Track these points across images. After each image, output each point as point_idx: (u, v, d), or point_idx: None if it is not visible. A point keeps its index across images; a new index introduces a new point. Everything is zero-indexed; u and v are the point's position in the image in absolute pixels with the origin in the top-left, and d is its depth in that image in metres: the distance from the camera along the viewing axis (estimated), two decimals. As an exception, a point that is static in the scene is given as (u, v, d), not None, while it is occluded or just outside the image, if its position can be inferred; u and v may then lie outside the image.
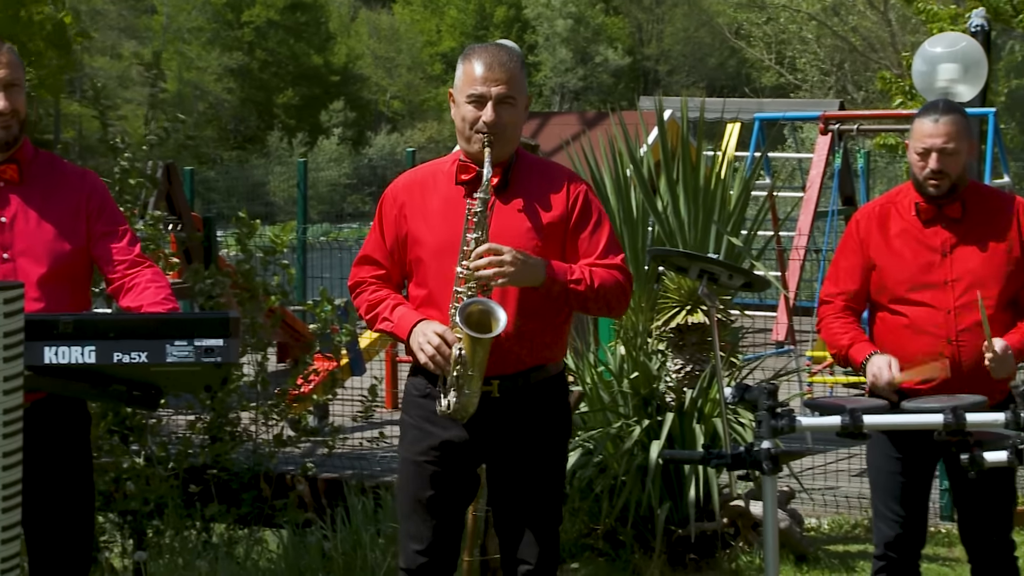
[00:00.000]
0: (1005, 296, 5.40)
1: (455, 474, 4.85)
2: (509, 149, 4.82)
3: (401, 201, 4.89)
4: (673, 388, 7.84)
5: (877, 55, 39.52)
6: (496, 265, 4.55)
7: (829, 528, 8.65)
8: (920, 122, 5.46)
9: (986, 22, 11.67)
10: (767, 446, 4.56)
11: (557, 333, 4.90)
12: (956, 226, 5.46)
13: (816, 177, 14.10)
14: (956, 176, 5.42)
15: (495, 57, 4.79)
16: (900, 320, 5.44)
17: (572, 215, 4.82)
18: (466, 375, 4.59)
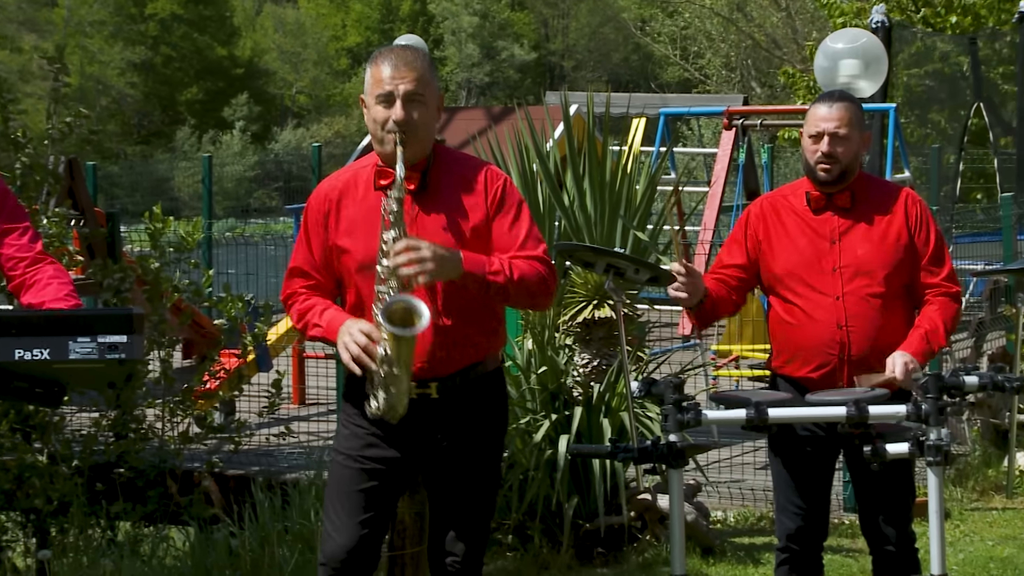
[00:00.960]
0: (894, 283, 5.47)
1: (388, 471, 4.82)
2: (423, 147, 4.78)
3: (324, 211, 4.85)
4: (580, 383, 7.86)
5: (780, 51, 39.85)
6: (416, 262, 4.52)
7: (735, 521, 8.71)
8: (815, 107, 5.57)
9: (887, 18, 11.81)
10: (673, 440, 4.59)
11: (492, 330, 4.88)
12: (846, 214, 5.54)
13: (721, 172, 14.18)
14: (847, 163, 5.49)
15: (400, 57, 4.78)
16: (792, 307, 5.50)
17: (491, 208, 4.81)
18: (392, 374, 4.54)
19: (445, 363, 4.74)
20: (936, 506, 4.61)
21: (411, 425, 4.74)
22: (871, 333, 5.40)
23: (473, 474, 4.86)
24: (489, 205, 4.80)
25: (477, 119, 16.78)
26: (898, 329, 5.48)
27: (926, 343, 5.38)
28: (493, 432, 4.94)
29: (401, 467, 4.84)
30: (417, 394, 4.72)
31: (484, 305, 4.81)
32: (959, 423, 9.68)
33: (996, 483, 9.44)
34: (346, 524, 4.84)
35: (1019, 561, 7.97)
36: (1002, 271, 9.52)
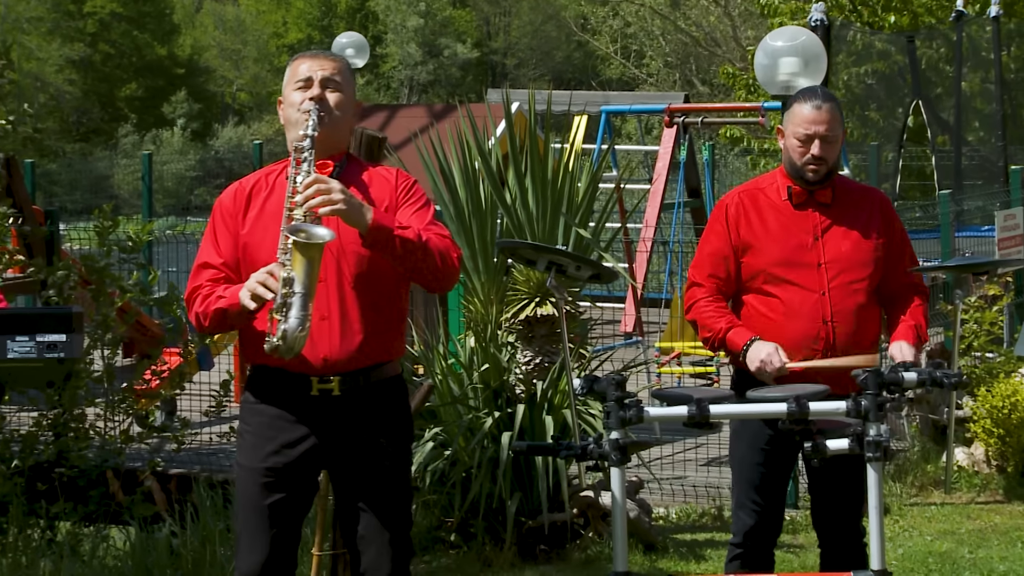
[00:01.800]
0: (873, 280, 5.56)
1: (294, 480, 4.78)
2: (338, 138, 4.81)
3: (235, 208, 4.83)
4: (523, 380, 7.87)
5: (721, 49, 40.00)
6: (324, 193, 4.51)
7: (677, 517, 8.74)
8: (801, 108, 5.55)
9: (825, 16, 11.87)
10: (615, 437, 4.59)
11: (396, 331, 4.88)
12: (827, 211, 5.58)
13: (662, 169, 14.23)
14: (833, 163, 5.55)
15: (321, 52, 4.88)
16: (773, 302, 5.51)
17: (399, 198, 4.83)
18: (295, 294, 4.46)
19: (349, 359, 4.71)
20: (876, 502, 4.64)
21: (313, 422, 4.73)
22: (854, 328, 5.48)
23: (381, 481, 4.81)
24: (398, 195, 4.83)
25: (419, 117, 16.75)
26: (874, 325, 5.59)
27: (917, 337, 5.51)
28: (398, 439, 4.89)
29: (305, 470, 4.80)
30: (319, 390, 4.71)
31: (391, 304, 4.80)
32: (898, 419, 9.75)
33: (935, 478, 9.51)
34: (257, 540, 4.81)
35: (957, 556, 8.04)
36: (940, 268, 9.60)
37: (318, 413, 4.71)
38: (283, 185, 4.78)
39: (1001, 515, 8.94)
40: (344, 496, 4.86)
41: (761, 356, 5.36)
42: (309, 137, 4.66)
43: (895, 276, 5.65)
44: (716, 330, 5.54)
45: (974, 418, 9.64)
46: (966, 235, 13.25)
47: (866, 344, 5.52)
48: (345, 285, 4.71)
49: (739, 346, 5.45)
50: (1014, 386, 9.51)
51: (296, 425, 4.73)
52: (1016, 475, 9.48)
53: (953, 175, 18.05)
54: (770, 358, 5.34)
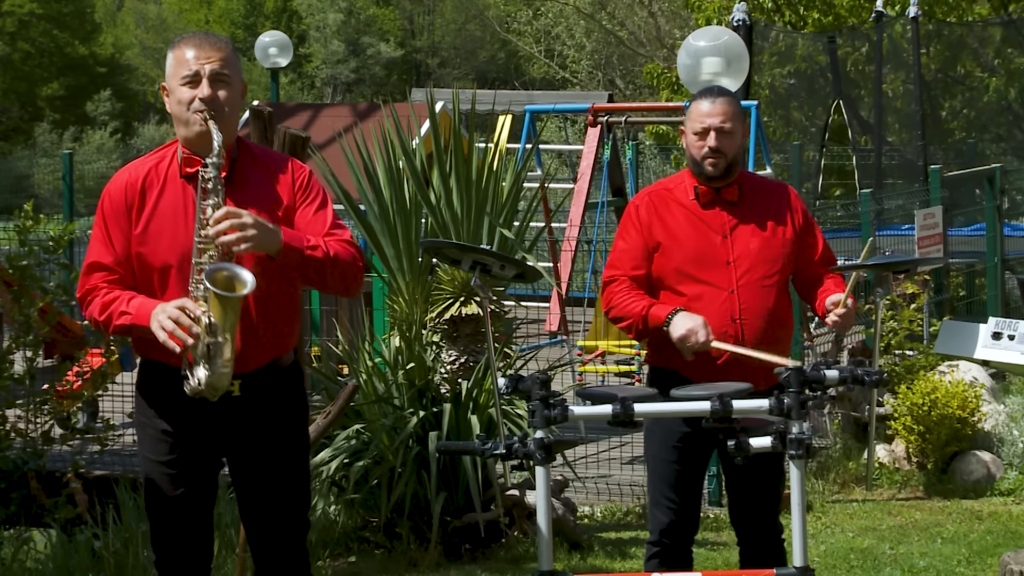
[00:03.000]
0: (783, 277, 5.61)
1: (197, 472, 4.78)
2: (230, 131, 4.74)
3: (126, 202, 4.74)
4: (448, 379, 7.87)
5: (645, 49, 40.14)
6: (238, 229, 4.47)
7: (602, 516, 8.77)
8: (697, 104, 5.62)
9: (748, 16, 11.95)
10: (540, 435, 4.60)
11: (291, 325, 4.87)
12: (734, 209, 5.60)
13: (586, 168, 14.26)
14: (732, 156, 5.57)
15: (205, 38, 4.76)
16: (682, 301, 5.52)
17: (297, 196, 4.79)
18: (216, 343, 4.46)
19: (248, 360, 4.70)
20: (798, 499, 4.67)
21: (212, 421, 4.72)
22: (763, 325, 5.51)
23: (280, 470, 4.82)
24: (295, 192, 4.79)
25: (343, 116, 16.70)
26: (786, 321, 5.62)
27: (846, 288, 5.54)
28: (295, 426, 4.89)
29: (207, 465, 4.80)
30: None
31: (285, 300, 4.79)
32: (820, 417, 9.82)
33: (856, 475, 9.60)
34: (169, 530, 4.81)
35: (878, 552, 8.12)
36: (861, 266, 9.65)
37: (217, 410, 4.69)
38: (177, 180, 4.72)
39: (921, 511, 9.04)
40: (244, 488, 4.85)
41: (688, 325, 5.36)
42: (215, 165, 4.58)
43: (810, 268, 5.67)
44: (637, 312, 5.51)
45: (895, 415, 9.73)
46: (886, 234, 13.35)
47: (777, 341, 5.54)
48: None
49: (662, 319, 5.43)
50: (934, 383, 9.61)
51: (194, 422, 4.72)
52: (936, 472, 9.58)
53: (874, 174, 18.21)
54: (696, 329, 5.35)
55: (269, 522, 4.83)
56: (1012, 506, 9.10)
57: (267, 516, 4.83)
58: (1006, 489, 9.33)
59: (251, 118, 5.95)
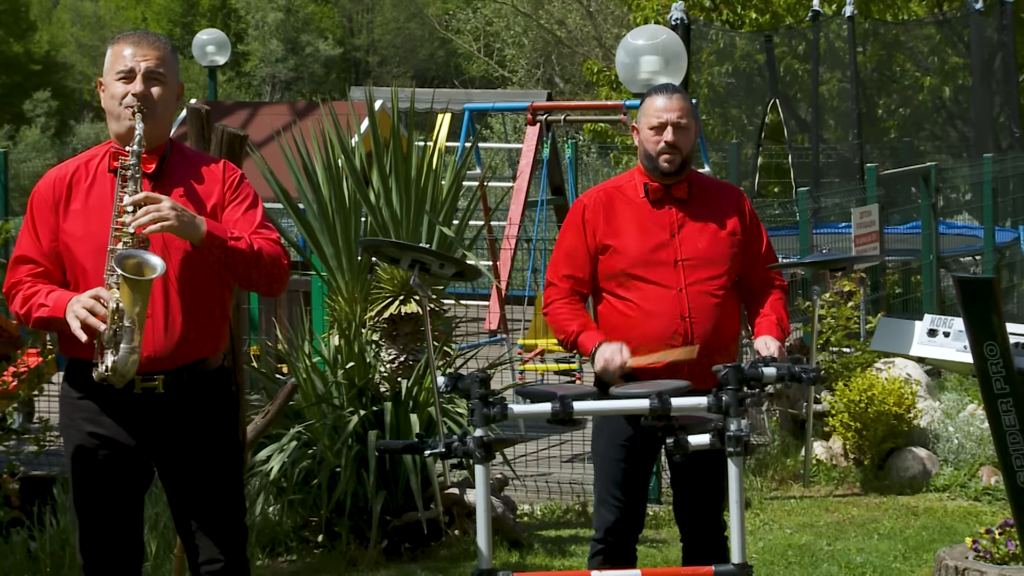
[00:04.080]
0: (731, 276, 5.63)
1: (123, 471, 4.75)
2: (162, 130, 4.76)
3: (54, 197, 4.74)
4: (388, 378, 7.86)
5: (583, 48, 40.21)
6: (153, 212, 4.48)
7: (542, 514, 8.78)
8: (652, 100, 5.62)
9: (686, 15, 12.00)
10: (480, 434, 4.61)
11: (219, 326, 4.85)
12: (684, 207, 5.63)
13: (526, 167, 14.26)
14: (686, 153, 5.60)
15: (144, 37, 4.80)
16: (631, 301, 5.55)
17: (226, 194, 4.80)
18: (124, 327, 4.45)
19: (173, 357, 4.69)
20: (736, 496, 4.70)
21: (137, 419, 4.70)
22: (711, 324, 5.53)
23: (211, 473, 4.80)
24: (225, 191, 4.80)
25: (281, 115, 16.63)
26: (733, 320, 5.65)
27: (781, 330, 5.60)
28: (224, 429, 4.88)
29: (134, 465, 4.77)
30: (143, 388, 4.68)
31: (213, 298, 4.78)
32: (759, 414, 9.88)
33: (794, 472, 9.65)
34: (96, 530, 4.79)
35: (816, 548, 8.17)
36: (798, 264, 9.72)
37: (142, 409, 4.68)
38: (105, 175, 4.73)
39: (858, 507, 9.11)
40: (174, 490, 4.84)
41: (605, 355, 5.41)
42: (135, 153, 4.60)
43: (755, 272, 5.72)
44: (569, 332, 5.59)
45: (832, 412, 9.79)
46: (823, 232, 13.44)
47: (724, 339, 5.59)
48: (169, 284, 4.67)
49: (588, 350, 5.51)
50: (870, 380, 9.68)
51: (119, 421, 4.70)
52: (873, 468, 9.65)
53: (811, 173, 18.31)
54: (612, 356, 5.39)
55: (201, 530, 4.81)
56: (947, 502, 9.19)
57: (198, 525, 4.81)
58: (941, 485, 9.41)
59: (188, 116, 5.92)
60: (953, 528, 8.50)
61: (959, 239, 15.60)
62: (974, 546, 6.42)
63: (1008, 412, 4.57)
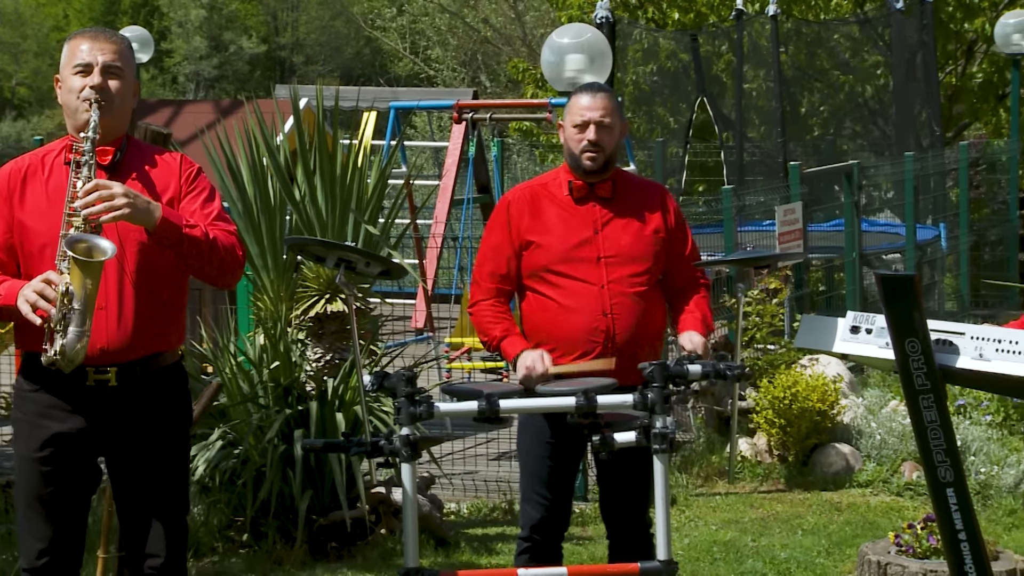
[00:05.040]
0: (654, 274, 5.66)
1: (72, 469, 4.73)
2: (119, 123, 4.77)
3: (7, 190, 4.74)
4: (314, 377, 7.83)
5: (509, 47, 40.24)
6: (106, 199, 4.47)
7: (468, 512, 8.79)
8: (577, 98, 5.66)
9: (611, 14, 12.04)
10: (406, 433, 4.61)
11: (174, 321, 4.84)
12: (607, 205, 5.65)
13: (451, 166, 14.26)
14: (610, 151, 5.62)
15: (101, 32, 4.83)
16: (554, 298, 5.57)
17: (183, 187, 4.81)
18: (74, 310, 4.43)
19: (126, 349, 4.68)
20: (662, 493, 4.73)
21: (89, 412, 4.68)
22: (634, 321, 5.56)
23: (158, 470, 4.79)
24: (182, 184, 4.81)
25: (206, 112, 16.57)
26: (657, 318, 5.68)
27: (705, 327, 5.63)
28: (176, 427, 4.88)
29: (82, 460, 4.75)
30: (96, 380, 4.66)
31: (169, 290, 4.78)
32: (684, 411, 9.92)
33: (719, 468, 9.71)
34: (40, 529, 4.76)
35: (740, 544, 8.22)
36: (723, 262, 9.77)
37: (94, 403, 4.67)
38: (61, 167, 4.73)
39: (783, 503, 9.17)
40: (121, 484, 4.82)
41: (527, 363, 5.42)
42: (89, 140, 4.60)
43: (678, 270, 5.75)
44: (492, 336, 5.62)
45: (757, 409, 9.86)
46: (748, 229, 13.50)
47: (647, 336, 5.61)
48: (124, 275, 4.67)
49: (511, 357, 5.53)
50: (795, 377, 9.75)
51: (72, 415, 4.68)
52: (797, 464, 9.72)
53: (736, 170, 18.42)
54: (534, 364, 5.40)
55: (145, 526, 4.79)
56: (870, 497, 9.27)
57: (143, 520, 4.79)
58: (864, 481, 9.49)
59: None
60: (876, 523, 8.58)
61: (881, 236, 15.75)
62: (896, 541, 6.50)
63: (929, 408, 4.61)
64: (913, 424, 4.71)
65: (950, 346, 4.63)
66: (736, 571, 7.77)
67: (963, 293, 16.08)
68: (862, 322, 4.87)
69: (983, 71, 21.22)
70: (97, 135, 4.62)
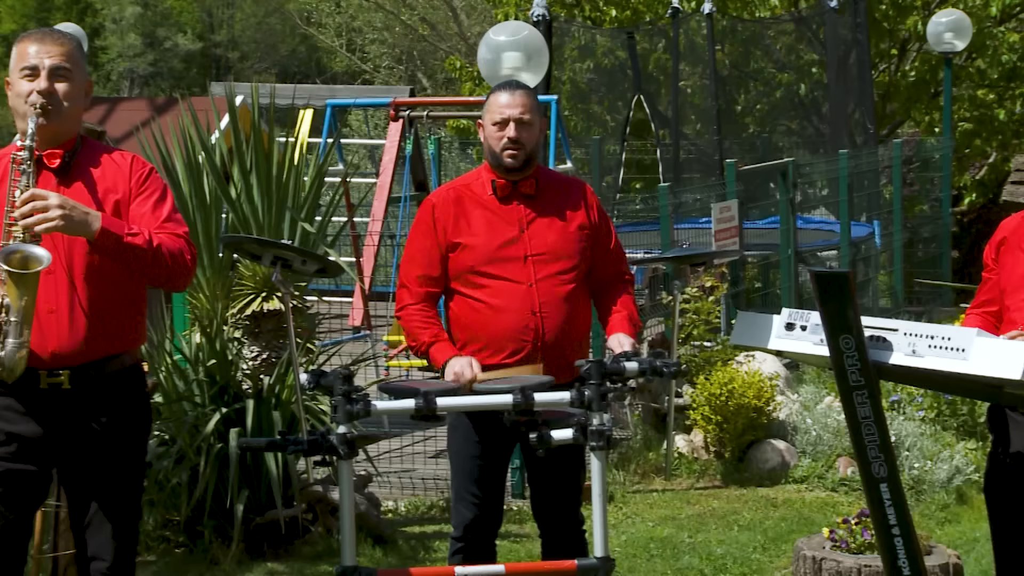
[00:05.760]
0: (580, 271, 5.66)
1: (25, 472, 4.69)
2: (68, 128, 4.73)
3: None
4: (250, 375, 7.81)
5: (447, 44, 40.22)
6: (40, 211, 4.44)
7: (406, 510, 8.78)
8: (495, 96, 5.65)
9: (547, 11, 12.05)
10: (343, 431, 4.60)
11: (130, 320, 4.81)
12: (531, 202, 5.65)
13: (389, 163, 14.23)
14: (531, 149, 5.61)
15: (48, 34, 4.78)
16: (482, 299, 5.57)
17: (133, 189, 4.77)
18: (11, 322, 4.42)
19: (79, 352, 4.65)
20: (599, 489, 4.74)
21: (42, 415, 4.65)
22: (563, 319, 5.56)
23: (112, 474, 4.77)
24: (131, 186, 4.78)
25: (140, 110, 16.46)
26: (584, 315, 5.68)
27: (632, 326, 5.62)
28: (133, 430, 4.85)
29: (36, 462, 4.71)
30: (49, 384, 4.64)
31: (121, 292, 4.74)
32: (621, 408, 9.95)
33: (656, 465, 9.74)
34: None
35: (677, 540, 8.25)
36: (660, 259, 9.83)
37: (48, 406, 4.63)
38: (6, 171, 4.69)
39: (719, 500, 9.22)
40: (74, 487, 4.79)
41: (455, 369, 5.42)
42: (27, 148, 4.56)
43: (603, 265, 5.76)
44: (421, 342, 5.60)
45: (693, 406, 9.90)
46: (685, 227, 13.56)
47: (576, 334, 5.62)
48: (75, 277, 4.63)
49: (439, 363, 5.52)
50: (731, 374, 9.80)
51: (24, 417, 4.64)
52: (733, 460, 9.77)
53: (672, 168, 18.47)
54: (462, 370, 5.40)
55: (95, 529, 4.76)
56: (805, 493, 9.33)
57: (94, 523, 4.77)
58: (799, 476, 9.55)
59: (45, 112, 5.83)
60: (811, 519, 8.63)
61: (816, 234, 15.84)
62: (831, 536, 6.54)
63: (863, 404, 4.64)
64: (847, 420, 4.74)
65: (884, 342, 4.66)
66: (673, 567, 7.80)
67: (897, 290, 16.20)
68: (797, 319, 4.90)
69: (916, 69, 21.38)
70: (34, 143, 4.58)
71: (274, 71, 53.25)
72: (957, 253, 19.39)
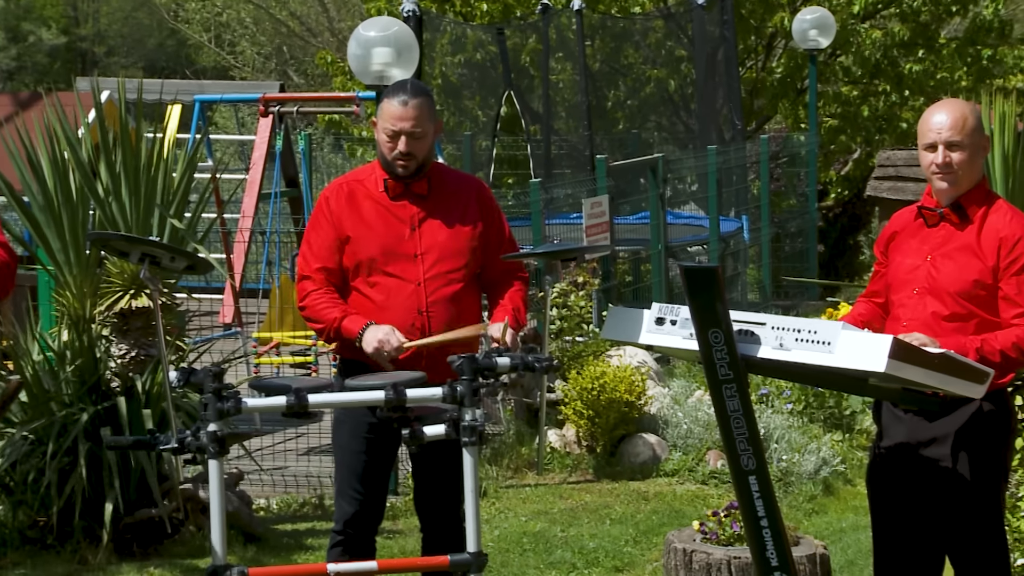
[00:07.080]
0: (471, 270, 5.68)
1: None
2: None
3: None
4: (119, 373, 7.73)
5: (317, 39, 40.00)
6: None
7: (278, 508, 8.74)
8: (389, 103, 5.60)
9: (418, 7, 12.03)
10: (213, 429, 4.57)
11: None
12: (423, 202, 5.66)
13: (259, 159, 14.13)
14: (423, 158, 5.61)
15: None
16: (372, 293, 5.57)
17: None
18: None
19: None
20: (472, 485, 4.76)
21: None
22: (450, 317, 5.58)
23: None
24: None
25: (3, 105, 16.18)
26: (472, 314, 5.69)
27: (515, 320, 5.65)
28: None
29: None
30: None
31: None
32: (493, 403, 9.98)
33: (529, 460, 9.78)
34: None
35: (550, 534, 8.30)
36: (531, 255, 9.85)
37: None
38: None
39: (591, 494, 9.27)
40: None
41: (378, 337, 5.41)
42: None
43: (495, 262, 5.79)
44: (330, 320, 5.57)
45: (565, 400, 9.95)
46: (555, 222, 13.61)
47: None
48: None
49: (355, 333, 5.49)
50: (602, 368, 9.86)
51: None
52: (605, 455, 9.83)
53: (543, 164, 18.53)
54: (387, 338, 5.40)
55: None
56: (676, 486, 9.41)
57: None
58: (670, 470, 9.64)
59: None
60: (682, 511, 8.72)
61: (686, 229, 15.98)
62: (701, 528, 6.60)
63: (732, 397, 4.70)
64: (717, 413, 4.80)
65: (752, 336, 4.72)
66: (545, 562, 7.84)
67: (765, 284, 16.41)
68: (667, 313, 4.95)
69: (782, 66, 21.64)
70: None
71: (141, 66, 52.63)
72: (823, 247, 19.68)
